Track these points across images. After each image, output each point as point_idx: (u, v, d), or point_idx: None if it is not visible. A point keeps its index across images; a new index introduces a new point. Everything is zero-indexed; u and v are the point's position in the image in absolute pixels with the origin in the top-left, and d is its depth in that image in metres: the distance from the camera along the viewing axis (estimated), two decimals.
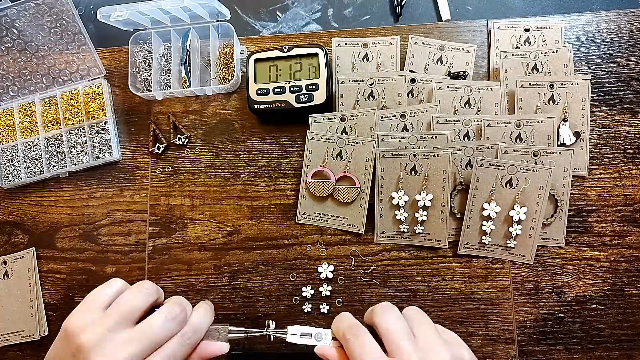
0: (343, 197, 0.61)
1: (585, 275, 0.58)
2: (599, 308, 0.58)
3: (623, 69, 0.62)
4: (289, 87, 0.62)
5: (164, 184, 0.67)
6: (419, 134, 0.60)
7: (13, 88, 0.72)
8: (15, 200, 0.70)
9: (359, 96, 0.63)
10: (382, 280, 0.61)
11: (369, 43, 0.65)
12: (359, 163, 0.61)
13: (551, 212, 0.59)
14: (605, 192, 0.60)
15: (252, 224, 0.64)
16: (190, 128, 0.68)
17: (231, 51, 0.68)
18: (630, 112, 0.61)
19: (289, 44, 0.65)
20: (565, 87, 0.60)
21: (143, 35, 0.69)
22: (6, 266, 0.67)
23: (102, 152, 0.68)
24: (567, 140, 0.60)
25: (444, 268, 0.60)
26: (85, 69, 0.71)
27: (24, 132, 0.70)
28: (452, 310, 0.59)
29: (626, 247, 0.59)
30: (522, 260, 0.59)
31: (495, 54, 0.64)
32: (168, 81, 0.69)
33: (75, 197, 0.68)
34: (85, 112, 0.69)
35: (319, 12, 0.71)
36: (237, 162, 0.66)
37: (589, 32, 0.64)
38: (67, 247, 0.67)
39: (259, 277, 0.63)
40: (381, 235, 0.61)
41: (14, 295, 0.67)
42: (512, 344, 0.58)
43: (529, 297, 0.59)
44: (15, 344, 0.65)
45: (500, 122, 0.60)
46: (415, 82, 0.63)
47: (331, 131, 0.63)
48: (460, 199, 0.60)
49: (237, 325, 0.48)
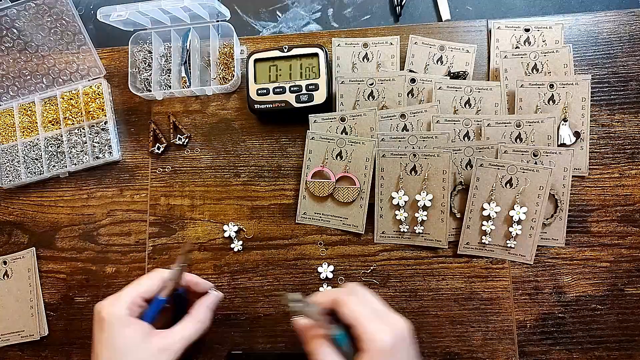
0: (343, 197, 0.61)
1: (585, 275, 0.58)
2: (599, 308, 0.58)
3: (623, 69, 0.62)
4: (289, 87, 0.62)
5: (164, 184, 0.67)
6: (419, 134, 0.60)
7: (13, 88, 0.72)
8: (15, 200, 0.70)
9: (359, 96, 0.63)
10: (382, 280, 0.61)
11: (369, 43, 0.65)
12: (359, 163, 0.61)
13: (551, 212, 0.59)
14: (605, 192, 0.60)
15: (252, 224, 0.64)
16: (190, 128, 0.68)
17: (231, 51, 0.68)
18: (630, 112, 0.61)
19: (289, 44, 0.65)
20: (565, 87, 0.60)
21: (143, 35, 0.69)
22: (6, 266, 0.67)
23: (102, 152, 0.68)
24: (567, 140, 0.60)
25: (444, 268, 0.60)
26: (85, 69, 0.71)
27: (24, 132, 0.70)
28: (452, 310, 0.59)
29: (626, 247, 0.59)
30: (522, 260, 0.59)
31: (495, 54, 0.64)
32: (168, 81, 0.69)
33: (75, 197, 0.68)
34: (85, 112, 0.69)
35: (319, 12, 0.71)
36: (237, 162, 0.66)
37: (589, 32, 0.64)
38: (67, 247, 0.67)
39: (259, 277, 0.63)
40: (381, 235, 0.61)
41: (14, 295, 0.67)
42: (512, 344, 0.58)
43: (529, 297, 0.59)
44: (15, 344, 0.65)
45: (500, 122, 0.60)
46: (415, 82, 0.63)
47: (331, 131, 0.63)
48: (460, 199, 0.60)
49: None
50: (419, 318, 0.59)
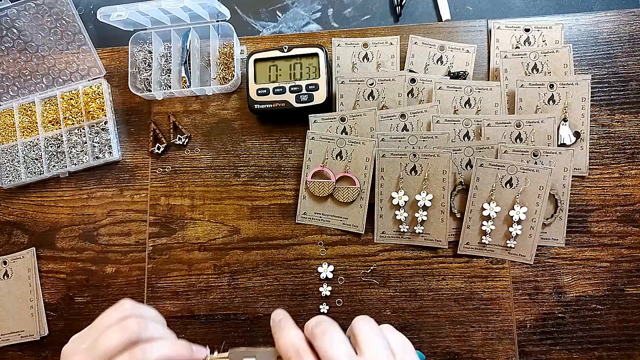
0: (343, 197, 0.61)
1: (585, 275, 0.58)
2: (599, 308, 0.58)
3: (623, 69, 0.62)
4: (289, 87, 0.62)
5: (164, 184, 0.67)
6: (419, 134, 0.60)
7: (13, 88, 0.72)
8: (15, 200, 0.70)
9: (359, 96, 0.63)
10: (382, 280, 0.61)
11: (369, 43, 0.65)
12: (359, 163, 0.61)
13: (551, 212, 0.59)
14: (605, 192, 0.60)
15: (252, 224, 0.64)
16: (190, 128, 0.68)
17: (231, 51, 0.68)
18: (630, 112, 0.61)
19: (289, 44, 0.65)
20: (565, 87, 0.60)
21: (143, 35, 0.69)
22: (6, 266, 0.67)
23: (102, 152, 0.68)
24: (567, 140, 0.60)
25: (444, 268, 0.60)
26: (85, 68, 0.71)
27: (24, 132, 0.70)
28: (452, 310, 0.59)
29: (626, 247, 0.59)
30: (522, 260, 0.59)
31: (495, 54, 0.64)
32: (168, 81, 0.69)
33: (75, 197, 0.68)
34: (85, 112, 0.68)
35: (319, 12, 0.71)
36: (237, 162, 0.66)
37: (589, 32, 0.64)
38: (67, 247, 0.67)
39: (259, 277, 0.63)
40: (381, 235, 0.61)
41: (14, 295, 0.67)
42: (512, 344, 0.58)
43: (529, 297, 0.59)
44: (15, 344, 0.65)
45: (500, 122, 0.60)
46: (415, 82, 0.63)
47: (331, 131, 0.63)
48: (460, 199, 0.60)
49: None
50: (419, 318, 0.59)
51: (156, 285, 0.64)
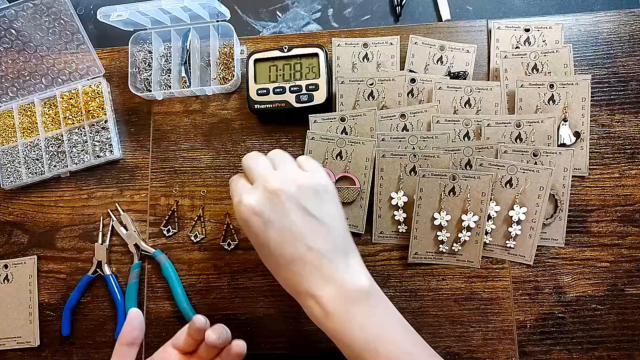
0: (343, 197, 0.61)
1: (585, 275, 0.58)
2: (599, 308, 0.58)
3: (623, 69, 0.62)
4: (289, 87, 0.62)
5: (164, 184, 0.67)
6: (419, 134, 0.60)
7: (12, 89, 0.72)
8: (16, 200, 0.70)
9: (359, 96, 0.63)
10: (382, 280, 0.61)
11: (369, 43, 0.65)
12: (359, 163, 0.61)
13: (551, 212, 0.59)
14: (605, 192, 0.60)
15: None
16: (190, 128, 0.68)
17: (231, 51, 0.68)
18: (630, 112, 0.61)
19: (289, 44, 0.65)
20: (565, 87, 0.60)
21: (143, 35, 0.69)
22: (7, 270, 0.67)
23: (103, 150, 0.68)
24: (567, 140, 0.60)
25: (444, 268, 0.60)
26: (84, 68, 0.71)
27: (24, 133, 0.70)
28: (452, 310, 0.59)
29: (626, 247, 0.59)
30: (522, 260, 0.59)
31: (495, 54, 0.64)
32: (168, 81, 0.69)
33: (75, 197, 0.68)
34: (85, 111, 0.68)
35: (319, 12, 0.71)
36: (237, 162, 0.66)
37: (589, 32, 0.64)
38: (67, 247, 0.67)
39: (259, 277, 0.63)
40: (379, 236, 0.61)
41: (12, 301, 0.66)
42: (512, 344, 0.58)
43: (529, 297, 0.59)
44: (10, 349, 0.65)
45: (500, 122, 0.60)
46: (415, 82, 0.63)
47: (331, 131, 0.63)
48: None
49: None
50: (419, 318, 0.59)
51: (156, 285, 0.64)
